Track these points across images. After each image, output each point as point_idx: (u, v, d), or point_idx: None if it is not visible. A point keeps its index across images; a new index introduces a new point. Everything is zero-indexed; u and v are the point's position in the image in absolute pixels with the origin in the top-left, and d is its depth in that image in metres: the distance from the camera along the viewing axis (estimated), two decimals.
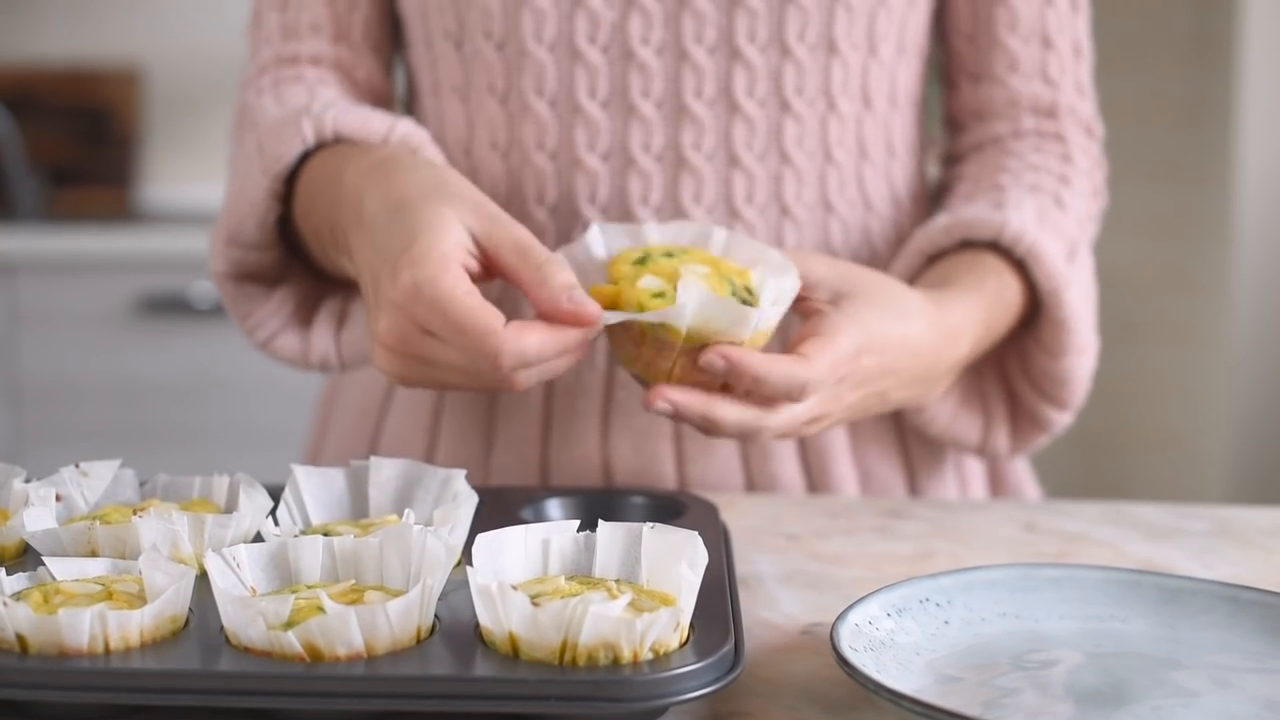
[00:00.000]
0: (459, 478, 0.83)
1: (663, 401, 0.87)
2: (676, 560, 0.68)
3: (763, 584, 0.88)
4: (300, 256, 1.08)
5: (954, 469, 1.18)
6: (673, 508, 0.91)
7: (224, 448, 2.84)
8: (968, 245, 1.06)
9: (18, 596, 0.68)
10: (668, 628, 0.65)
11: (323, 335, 1.08)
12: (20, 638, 0.65)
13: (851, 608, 0.72)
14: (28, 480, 0.83)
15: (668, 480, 1.09)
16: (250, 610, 0.65)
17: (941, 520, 1.02)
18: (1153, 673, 0.71)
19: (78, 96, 3.34)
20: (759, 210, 1.08)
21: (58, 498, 0.82)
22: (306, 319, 1.09)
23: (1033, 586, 0.78)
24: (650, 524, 0.72)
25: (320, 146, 1.01)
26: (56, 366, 2.84)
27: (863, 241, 1.12)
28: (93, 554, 0.76)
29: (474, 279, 0.86)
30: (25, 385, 2.84)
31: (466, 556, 0.71)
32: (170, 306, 2.81)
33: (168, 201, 3.37)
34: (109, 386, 2.84)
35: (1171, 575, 0.79)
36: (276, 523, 0.81)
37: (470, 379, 0.84)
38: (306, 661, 0.64)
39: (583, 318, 0.83)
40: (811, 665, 0.74)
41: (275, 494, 0.84)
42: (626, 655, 0.64)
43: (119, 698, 0.64)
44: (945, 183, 1.17)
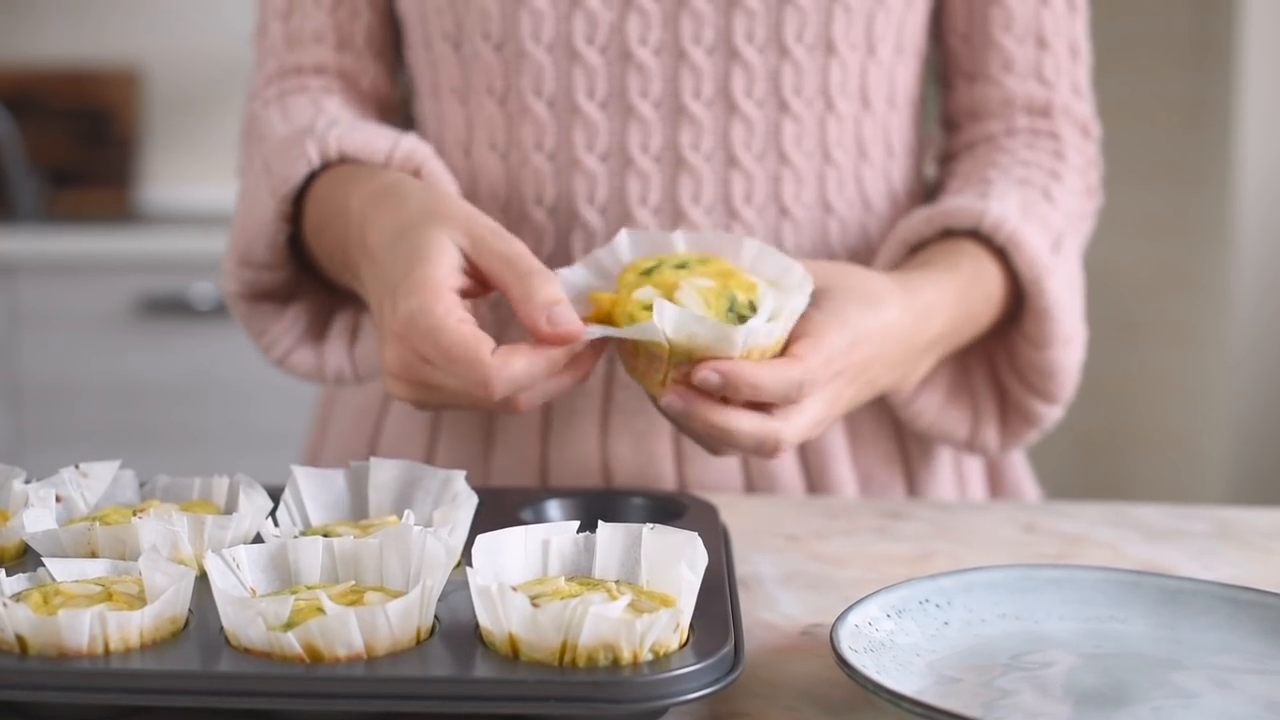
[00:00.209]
0: (459, 479, 0.83)
1: (674, 398, 0.85)
2: (676, 561, 0.68)
3: (762, 585, 0.88)
4: (311, 273, 1.08)
5: (953, 469, 1.18)
6: (672, 509, 0.91)
7: (224, 449, 2.84)
8: (950, 235, 1.06)
9: (18, 597, 0.68)
10: (667, 629, 0.65)
11: (337, 349, 1.09)
12: (20, 639, 0.65)
13: (851, 609, 0.72)
14: (27, 481, 0.83)
15: (667, 480, 1.09)
16: (250, 611, 0.65)
17: (941, 521, 1.02)
18: (1153, 674, 0.71)
19: (78, 97, 3.34)
20: (757, 210, 1.08)
21: (57, 499, 0.82)
22: (320, 334, 1.10)
23: (1033, 587, 0.78)
24: (650, 525, 0.72)
25: (325, 165, 1.01)
26: (56, 367, 2.84)
27: (861, 242, 1.12)
28: (92, 555, 0.76)
29: (471, 294, 0.87)
30: (25, 386, 2.84)
31: (466, 557, 0.72)
32: (170, 307, 2.81)
33: (168, 202, 3.37)
34: (109, 387, 2.84)
35: (1171, 576, 0.79)
36: (276, 524, 0.81)
37: (476, 401, 0.85)
38: (306, 662, 0.64)
39: (563, 336, 0.83)
40: (811, 666, 0.74)
41: (275, 495, 0.84)
42: (626, 656, 0.64)
43: (119, 698, 0.64)
44: (939, 181, 1.17)
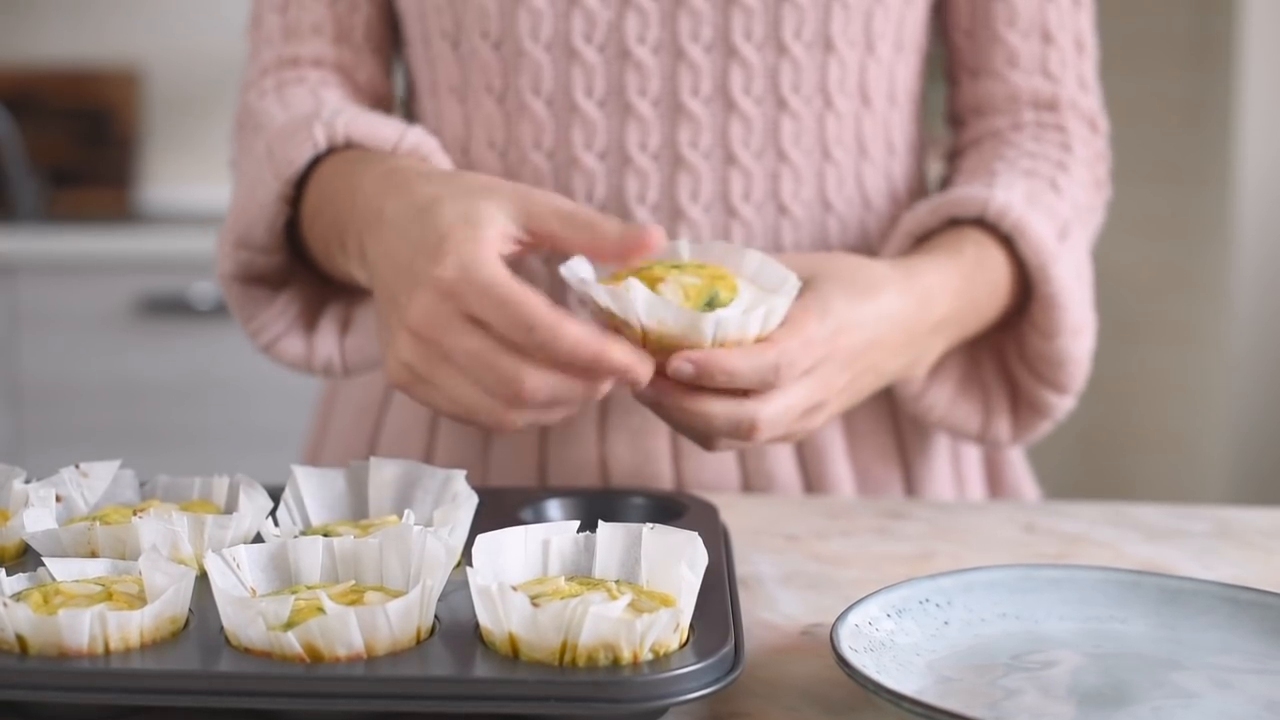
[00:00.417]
0: (459, 478, 0.83)
1: (646, 389, 0.85)
2: (676, 561, 0.68)
3: (762, 585, 0.88)
4: (305, 261, 1.08)
5: (951, 466, 1.18)
6: (672, 508, 0.90)
7: (224, 448, 2.84)
8: (956, 224, 1.06)
9: (18, 597, 0.68)
10: (667, 628, 0.65)
11: (327, 340, 1.08)
12: (20, 638, 0.65)
13: (851, 608, 0.72)
14: (28, 481, 0.83)
15: (665, 478, 1.09)
16: (250, 611, 0.65)
17: (941, 521, 1.02)
18: (1153, 673, 0.71)
19: (78, 97, 3.34)
20: (756, 208, 1.08)
21: (58, 498, 0.82)
22: (310, 323, 1.09)
23: (1033, 587, 0.78)
24: (650, 525, 0.72)
25: (330, 151, 1.01)
26: (56, 367, 2.84)
27: (861, 240, 1.12)
28: (93, 555, 0.76)
29: (516, 257, 0.87)
30: (25, 386, 2.84)
31: (466, 557, 0.72)
32: (170, 307, 2.81)
33: (168, 202, 3.37)
34: (109, 387, 2.84)
35: (1171, 576, 0.79)
36: (276, 523, 0.81)
37: (486, 373, 0.83)
38: (306, 662, 0.64)
39: (648, 241, 0.84)
40: (811, 666, 0.74)
41: (275, 495, 0.84)
42: (626, 656, 0.64)
43: (119, 698, 0.64)
44: (946, 178, 1.17)
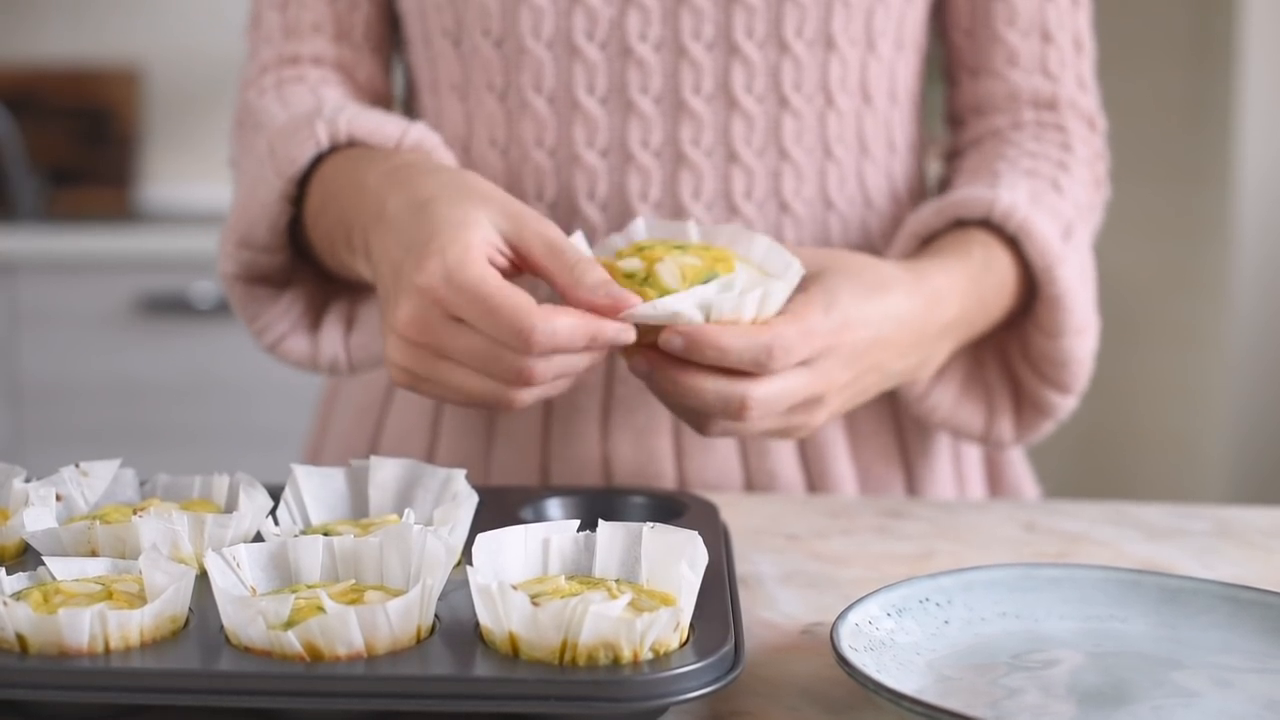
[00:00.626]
0: (459, 477, 0.83)
1: (639, 361, 0.88)
2: (676, 560, 0.68)
3: (763, 584, 0.88)
4: (308, 259, 1.08)
5: (952, 466, 1.18)
6: (673, 508, 0.90)
7: (224, 447, 2.84)
8: (961, 225, 1.06)
9: (18, 596, 0.68)
10: (668, 627, 0.65)
11: (331, 338, 1.08)
12: (20, 637, 0.65)
13: (851, 607, 0.72)
14: (28, 480, 0.83)
15: (667, 477, 1.09)
16: (250, 610, 0.65)
17: (941, 520, 1.02)
18: (1153, 673, 0.71)
19: (78, 96, 3.34)
20: (757, 206, 1.08)
21: (58, 497, 0.82)
22: (315, 321, 1.09)
23: (1033, 586, 0.78)
24: (650, 524, 0.72)
25: (333, 149, 1.01)
26: (56, 366, 2.84)
27: (862, 238, 1.12)
28: (93, 554, 0.76)
29: (502, 275, 0.87)
30: (25, 385, 2.84)
31: (466, 556, 0.72)
32: (170, 306, 2.81)
33: (168, 201, 3.37)
34: (109, 386, 2.84)
35: (1172, 575, 0.79)
36: (276, 522, 0.81)
37: (489, 369, 0.84)
38: (306, 661, 0.64)
39: (620, 305, 0.84)
40: (812, 665, 0.74)
41: (275, 494, 0.84)
42: (626, 655, 0.64)
43: (119, 697, 0.64)
44: (946, 178, 1.17)
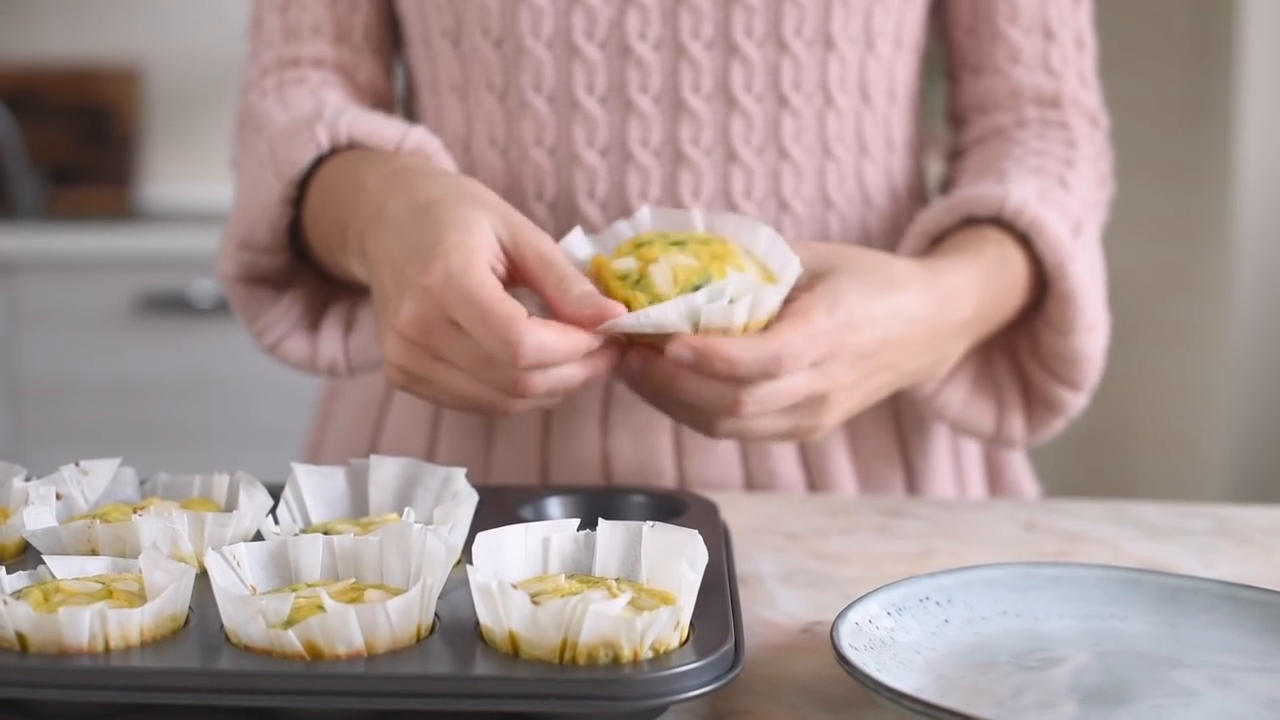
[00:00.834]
0: (459, 476, 0.83)
1: (626, 365, 0.88)
2: (676, 559, 0.68)
3: (763, 583, 0.88)
4: (308, 261, 1.08)
5: (952, 464, 1.18)
6: (673, 506, 0.90)
7: (224, 446, 2.84)
8: (971, 223, 1.05)
9: (18, 595, 0.68)
10: (668, 626, 0.65)
11: (330, 340, 1.09)
12: (20, 636, 0.65)
13: (852, 606, 0.72)
14: (28, 479, 0.83)
15: (667, 476, 1.09)
16: (250, 609, 0.65)
17: (942, 519, 1.02)
18: (1153, 672, 0.71)
19: (78, 95, 3.34)
20: (757, 205, 1.08)
21: (58, 496, 0.82)
22: (314, 323, 1.09)
23: (1033, 585, 0.78)
24: (650, 523, 0.72)
25: (333, 152, 1.01)
26: (56, 365, 2.84)
27: (861, 237, 1.12)
28: (93, 552, 0.76)
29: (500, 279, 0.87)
30: (25, 384, 2.84)
31: (466, 555, 0.72)
32: (170, 305, 2.81)
33: (168, 200, 3.37)
34: (109, 385, 2.84)
35: (1172, 574, 0.79)
36: (276, 521, 0.81)
37: (483, 375, 0.84)
38: (306, 660, 0.64)
39: (603, 315, 0.84)
40: (812, 664, 0.74)
41: (275, 492, 0.84)
42: (626, 654, 0.64)
43: (119, 696, 0.64)
44: (950, 178, 1.17)
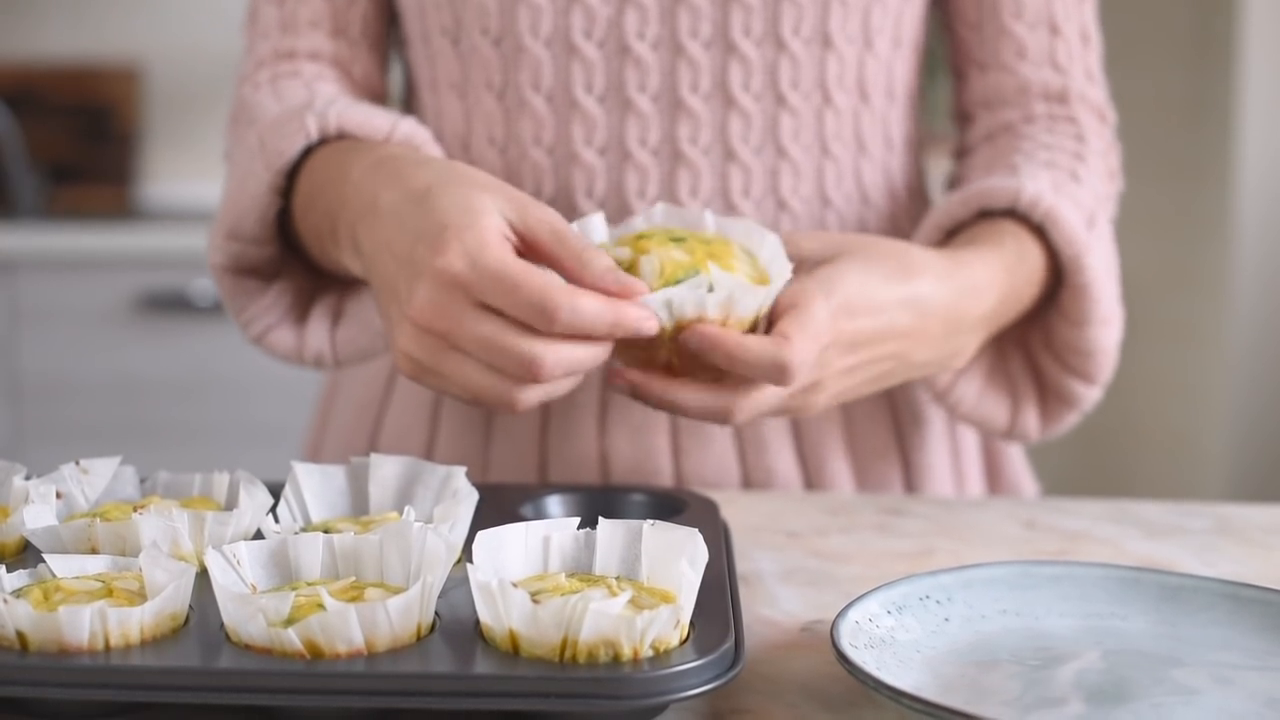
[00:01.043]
0: (459, 475, 0.83)
1: (619, 380, 0.88)
2: (677, 558, 0.68)
3: (763, 581, 0.88)
4: (297, 252, 1.08)
5: (950, 462, 1.18)
6: (673, 505, 0.90)
7: (224, 445, 2.84)
8: (985, 216, 1.05)
9: (18, 594, 0.68)
10: (668, 625, 0.65)
11: (317, 331, 1.08)
12: (20, 635, 0.65)
13: (852, 605, 0.72)
14: (28, 477, 0.83)
15: (664, 473, 1.09)
16: (250, 607, 0.65)
17: (942, 518, 1.02)
18: (1153, 670, 0.71)
19: (78, 94, 3.34)
20: (755, 204, 1.08)
21: (58, 495, 0.82)
22: (302, 315, 1.09)
23: (1033, 584, 0.78)
24: (650, 521, 0.72)
25: (323, 142, 1.01)
26: (56, 364, 2.83)
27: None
28: (93, 551, 0.76)
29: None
30: (25, 383, 2.84)
31: (467, 554, 0.72)
32: (170, 304, 2.81)
33: (168, 199, 3.37)
34: (109, 384, 2.84)
35: (1172, 573, 0.79)
36: (277, 520, 0.81)
37: (498, 359, 0.83)
38: (307, 659, 0.64)
39: (628, 291, 0.83)
40: (812, 663, 0.74)
41: (276, 491, 0.84)
42: (627, 652, 0.64)
43: (119, 695, 0.64)
44: (959, 175, 1.17)
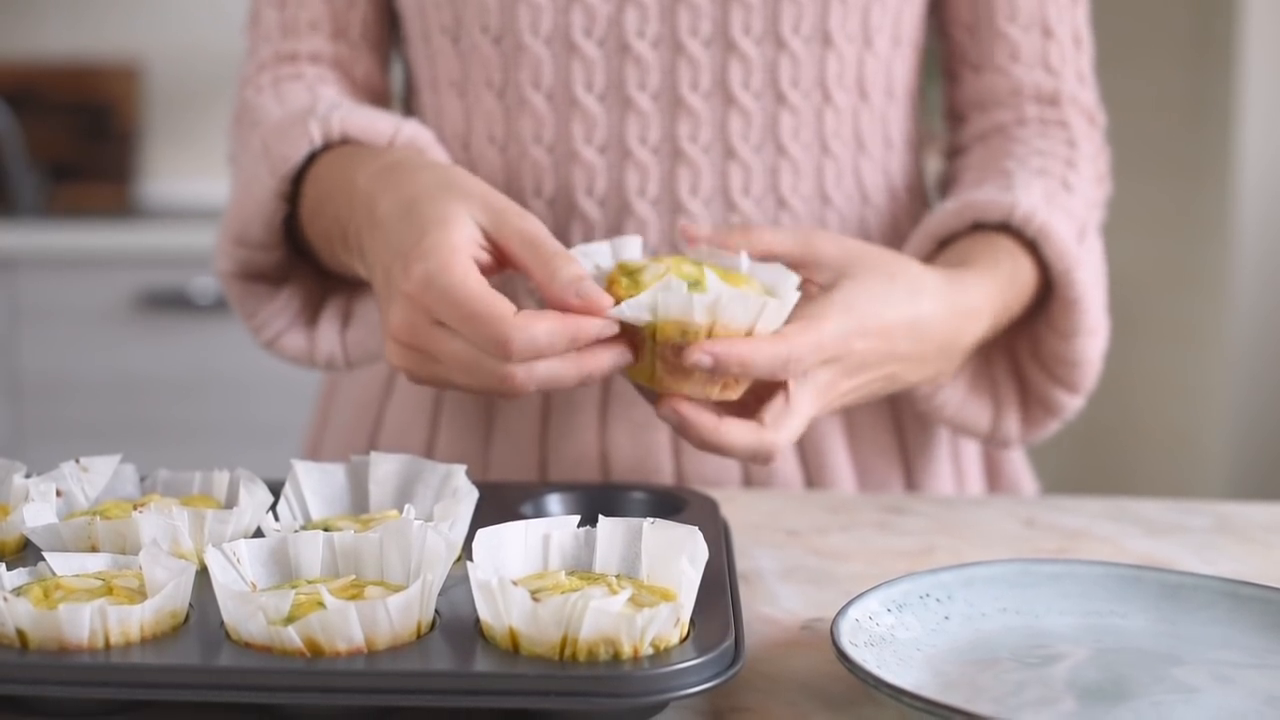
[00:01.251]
0: (459, 473, 0.83)
1: (669, 410, 0.87)
2: (677, 556, 0.68)
3: (763, 579, 0.88)
4: (305, 256, 1.08)
5: (951, 461, 1.18)
6: (673, 503, 0.90)
7: (224, 443, 2.84)
8: (979, 228, 1.06)
9: (18, 592, 0.68)
10: (668, 623, 0.65)
11: (328, 334, 1.09)
12: (20, 633, 0.65)
13: (852, 603, 0.72)
14: (28, 475, 0.83)
15: (665, 472, 1.09)
16: (250, 605, 0.65)
17: (942, 516, 1.02)
18: (1153, 668, 0.71)
19: (78, 92, 3.33)
20: (755, 202, 1.08)
21: (58, 493, 0.82)
22: (312, 318, 1.10)
23: (1033, 582, 0.78)
24: (650, 519, 0.72)
25: (327, 147, 1.01)
26: (57, 362, 2.83)
27: (859, 234, 1.12)
28: (93, 549, 0.76)
29: (485, 272, 0.86)
30: (25, 381, 2.84)
31: (467, 552, 0.72)
32: (170, 302, 2.81)
33: (167, 197, 3.36)
34: (109, 382, 2.84)
35: (1172, 571, 0.79)
36: (277, 518, 0.81)
37: (473, 376, 0.84)
38: (307, 657, 0.64)
39: (592, 309, 0.83)
40: (812, 661, 0.74)
41: (276, 489, 0.84)
42: (627, 651, 0.64)
43: (119, 693, 0.64)
44: (950, 175, 1.17)
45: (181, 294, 2.81)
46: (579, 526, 0.74)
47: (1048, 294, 1.07)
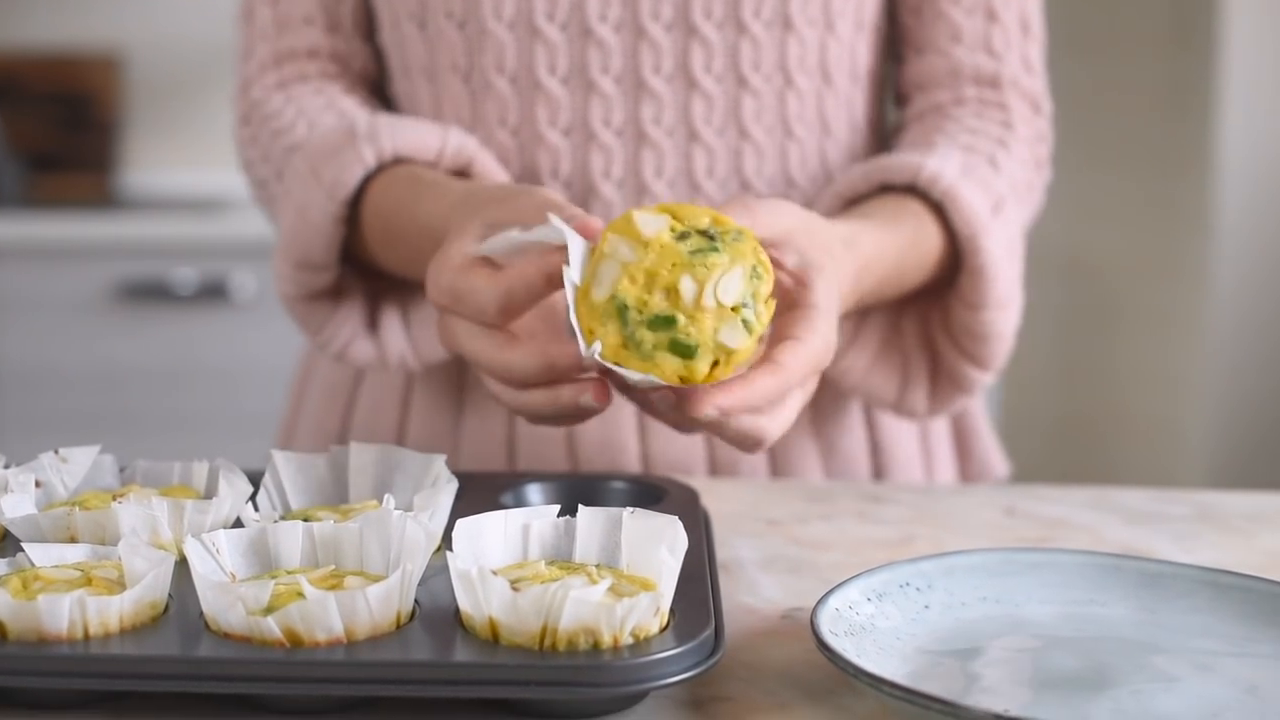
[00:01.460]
0: (439, 462, 0.83)
1: (712, 409, 0.80)
2: (657, 545, 0.68)
3: (743, 569, 0.88)
4: (353, 264, 1.08)
5: (919, 443, 1.19)
6: (653, 493, 0.91)
7: (204, 434, 2.83)
8: (888, 190, 1.05)
9: None
10: (648, 612, 0.65)
11: (394, 337, 1.10)
12: None
13: (832, 592, 0.72)
14: (7, 466, 0.82)
15: (630, 452, 1.09)
16: (230, 595, 0.65)
17: (922, 505, 1.03)
18: (1133, 657, 0.71)
19: (58, 82, 3.32)
20: (719, 184, 1.08)
21: (37, 484, 0.82)
22: (373, 324, 1.10)
23: (1013, 571, 0.78)
24: (630, 509, 0.72)
25: (379, 168, 1.02)
26: (36, 352, 2.83)
27: (825, 216, 1.12)
28: (72, 540, 0.76)
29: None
30: (4, 371, 2.83)
31: (446, 542, 0.72)
32: (150, 292, 2.80)
33: (148, 187, 3.35)
34: (89, 373, 2.83)
35: (1152, 560, 0.79)
36: (256, 508, 0.81)
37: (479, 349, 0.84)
38: (286, 647, 0.64)
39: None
40: (792, 650, 0.74)
41: (255, 479, 0.84)
42: (606, 640, 0.64)
43: (98, 684, 0.64)
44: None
45: (162, 284, 2.80)
46: (559, 516, 0.74)
47: (959, 265, 1.07)
